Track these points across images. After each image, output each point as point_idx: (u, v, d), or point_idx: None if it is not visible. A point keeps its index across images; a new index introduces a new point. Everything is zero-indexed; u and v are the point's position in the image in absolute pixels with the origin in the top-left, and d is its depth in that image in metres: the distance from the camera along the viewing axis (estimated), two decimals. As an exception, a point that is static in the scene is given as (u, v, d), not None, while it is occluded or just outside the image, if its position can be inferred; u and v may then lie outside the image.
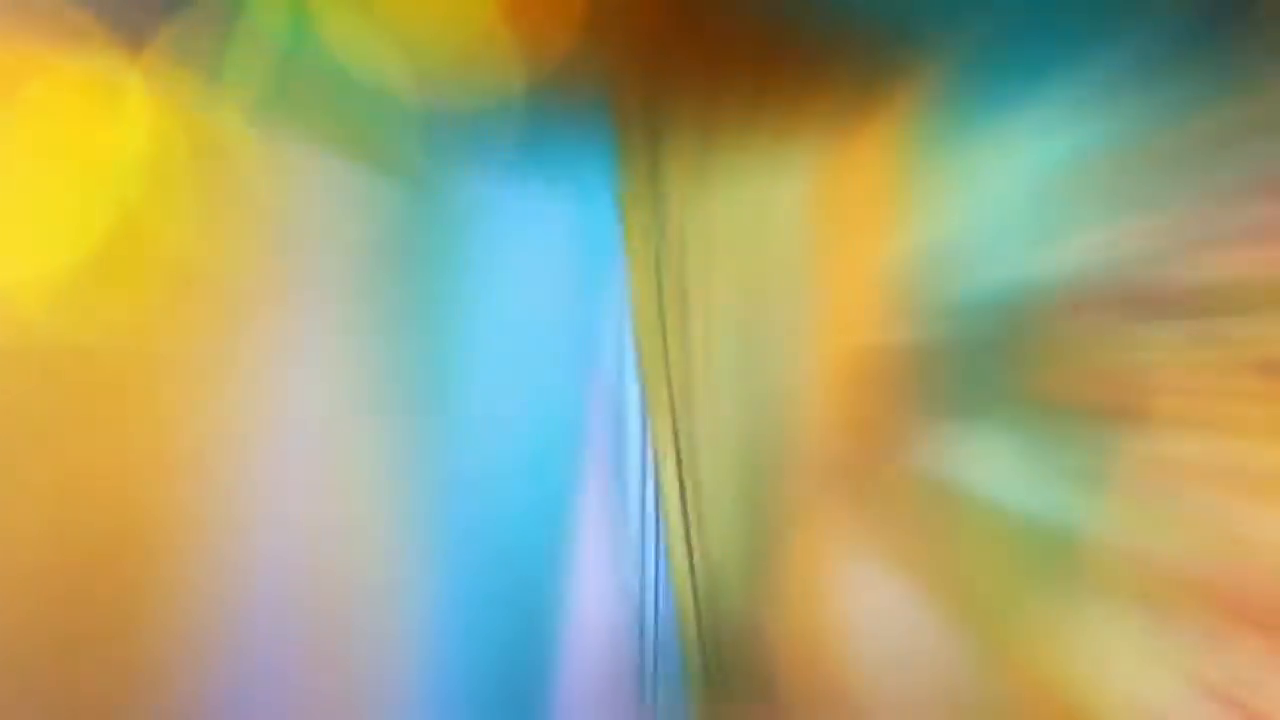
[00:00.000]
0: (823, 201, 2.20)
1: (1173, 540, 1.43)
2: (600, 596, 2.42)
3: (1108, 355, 1.72)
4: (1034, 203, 1.97)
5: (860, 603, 2.15)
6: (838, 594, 2.17)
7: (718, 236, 2.27)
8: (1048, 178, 1.96)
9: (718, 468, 2.25)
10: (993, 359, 1.98)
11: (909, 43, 1.89)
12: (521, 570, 2.45)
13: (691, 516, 2.26)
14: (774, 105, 2.19)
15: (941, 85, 2.04)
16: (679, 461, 2.28)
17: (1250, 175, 1.33)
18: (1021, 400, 1.95)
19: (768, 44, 1.89)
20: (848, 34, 1.86)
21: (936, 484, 2.05)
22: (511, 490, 2.47)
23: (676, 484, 2.28)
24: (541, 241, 2.52)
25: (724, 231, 2.27)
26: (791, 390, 2.19)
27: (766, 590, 2.20)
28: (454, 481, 2.51)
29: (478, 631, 2.43)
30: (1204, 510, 1.39)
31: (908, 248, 2.11)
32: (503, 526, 2.46)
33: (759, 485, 2.21)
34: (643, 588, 2.39)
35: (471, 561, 2.47)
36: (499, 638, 2.43)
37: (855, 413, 2.14)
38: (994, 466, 2.00)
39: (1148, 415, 1.12)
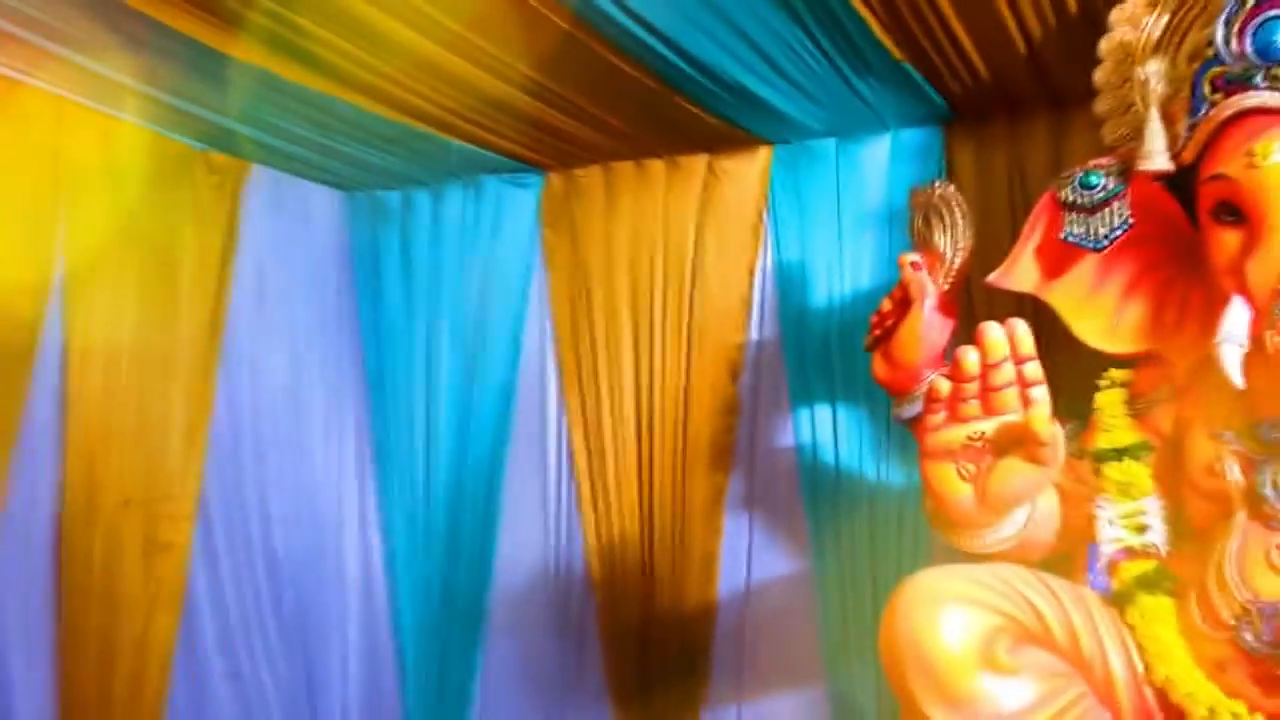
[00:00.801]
0: (702, 224, 2.62)
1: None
2: (524, 541, 2.82)
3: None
4: (860, 234, 2.44)
5: (744, 566, 2.57)
6: (720, 558, 2.58)
7: (615, 250, 2.68)
8: (865, 215, 2.42)
9: (618, 442, 2.67)
10: (835, 353, 2.43)
11: (761, 113, 2.32)
12: (459, 517, 2.86)
13: (596, 479, 2.70)
14: (663, 148, 2.61)
15: (789, 142, 2.49)
16: (586, 432, 2.72)
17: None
18: (860, 387, 2.37)
19: (658, 105, 2.29)
20: (718, 102, 2.27)
21: (803, 459, 2.49)
22: (454, 449, 2.87)
23: (585, 450, 2.72)
24: (480, 248, 2.90)
25: (622, 246, 2.68)
26: (676, 379, 2.62)
27: (659, 550, 2.62)
28: (407, 442, 2.93)
29: (420, 567, 2.87)
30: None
31: (769, 264, 2.56)
32: (445, 480, 2.87)
33: (652, 457, 2.64)
34: (559, 534, 2.79)
35: (416, 508, 2.89)
36: (440, 572, 2.85)
37: (728, 397, 2.58)
38: (846, 443, 2.45)
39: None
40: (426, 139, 2.54)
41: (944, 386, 1.36)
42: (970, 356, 1.32)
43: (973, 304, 2.13)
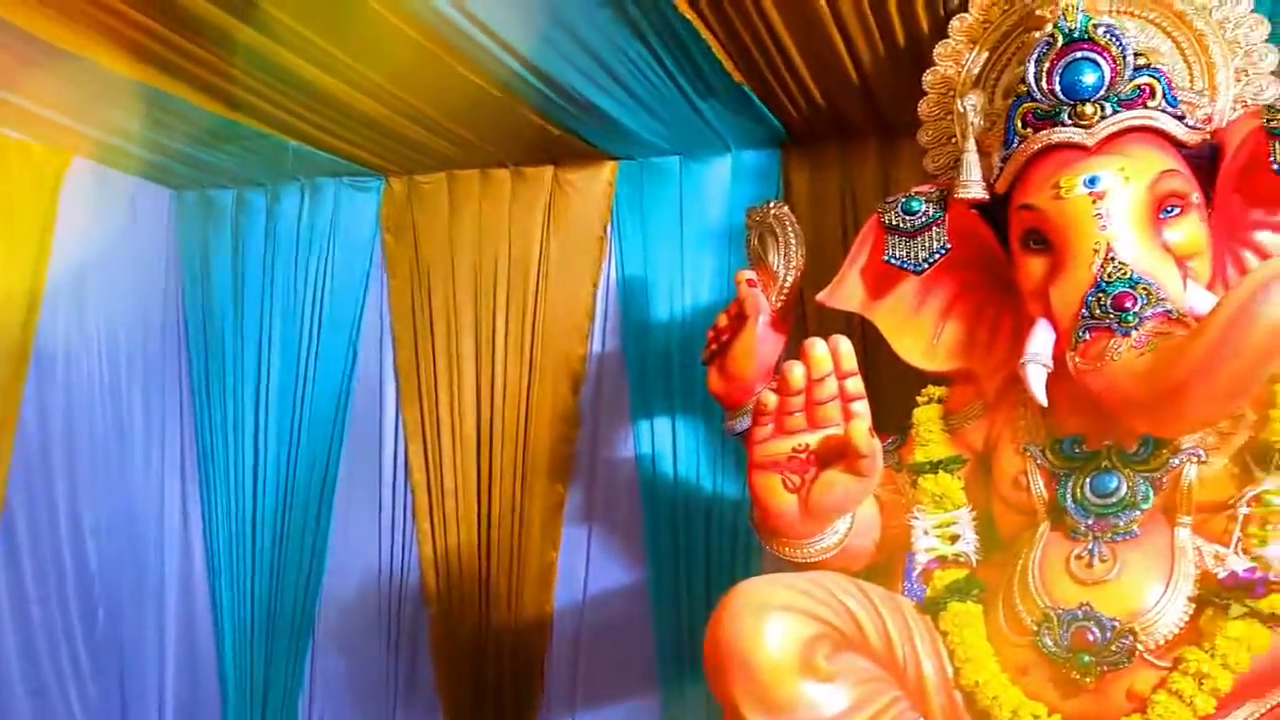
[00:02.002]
0: (546, 236, 2.62)
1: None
2: (356, 552, 2.75)
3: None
4: (702, 250, 2.48)
5: (582, 578, 2.56)
6: (557, 569, 2.58)
7: (457, 260, 2.66)
8: (706, 232, 2.48)
9: (456, 452, 2.64)
10: (676, 367, 2.47)
11: (607, 128, 2.34)
12: (287, 528, 2.77)
13: (433, 489, 2.66)
14: (509, 158, 2.60)
15: (634, 158, 2.53)
16: (424, 442, 2.67)
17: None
18: (699, 400, 2.41)
19: (505, 116, 2.28)
20: (564, 115, 2.28)
21: (643, 471, 2.51)
22: (284, 459, 2.78)
23: (422, 460, 2.67)
24: (316, 252, 2.82)
25: (465, 254, 2.66)
26: (517, 390, 2.61)
27: (495, 562, 2.59)
28: (234, 451, 2.82)
29: (245, 579, 2.77)
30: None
31: (612, 277, 2.58)
32: (273, 491, 2.78)
33: (491, 467, 2.62)
34: (393, 545, 2.73)
35: (242, 519, 2.79)
36: (265, 584, 2.75)
37: (569, 408, 2.58)
38: (685, 455, 2.48)
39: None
40: (263, 138, 2.46)
41: (771, 400, 1.40)
42: (796, 371, 1.36)
43: (806, 321, 2.19)
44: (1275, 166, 1.43)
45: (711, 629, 1.35)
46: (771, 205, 1.96)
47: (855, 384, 1.39)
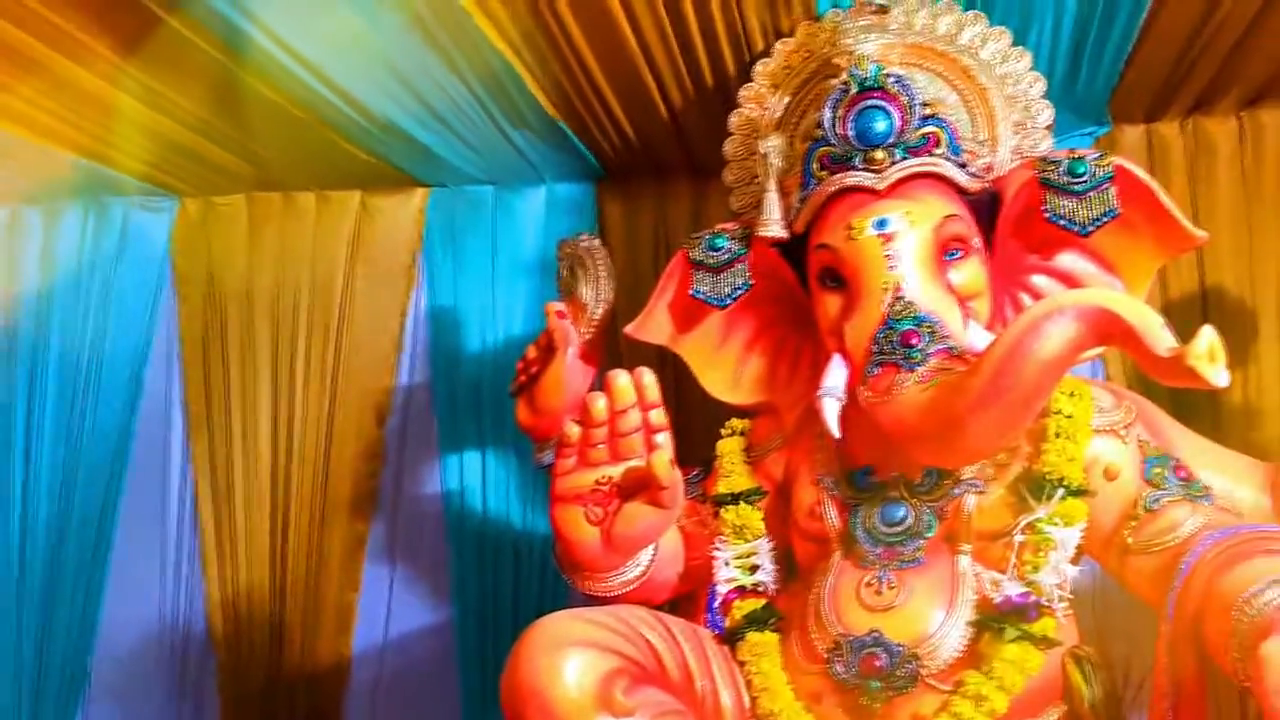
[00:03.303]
0: (352, 263, 2.54)
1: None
2: (137, 597, 2.55)
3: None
4: (515, 281, 2.47)
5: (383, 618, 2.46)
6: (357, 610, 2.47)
7: (256, 285, 2.54)
8: (520, 264, 2.46)
9: (250, 489, 2.50)
10: (486, 399, 2.43)
11: (417, 155, 2.31)
12: (59, 571, 2.55)
13: (224, 528, 2.51)
14: (313, 181, 2.51)
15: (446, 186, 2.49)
16: (214, 479, 2.53)
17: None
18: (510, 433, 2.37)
19: (309, 138, 2.20)
20: (372, 140, 2.22)
21: (450, 506, 2.44)
22: (57, 497, 2.57)
23: (211, 498, 2.52)
24: (100, 275, 2.64)
25: (264, 280, 2.54)
26: (317, 422, 2.50)
27: (290, 604, 2.46)
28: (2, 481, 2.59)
29: (11, 629, 2.53)
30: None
31: (421, 307, 2.52)
32: (44, 531, 2.56)
33: (288, 505, 2.50)
34: (177, 588, 2.56)
35: (9, 563, 2.55)
36: (33, 634, 2.52)
37: (373, 441, 2.50)
38: (494, 489, 2.44)
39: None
40: (41, 152, 2.29)
41: (574, 432, 1.39)
42: (598, 402, 1.36)
43: (620, 354, 2.20)
44: (1048, 214, 1.53)
45: (508, 668, 1.32)
46: (582, 238, 1.96)
47: (658, 416, 1.40)
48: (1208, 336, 1.15)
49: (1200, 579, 1.25)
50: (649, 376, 1.39)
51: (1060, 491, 1.47)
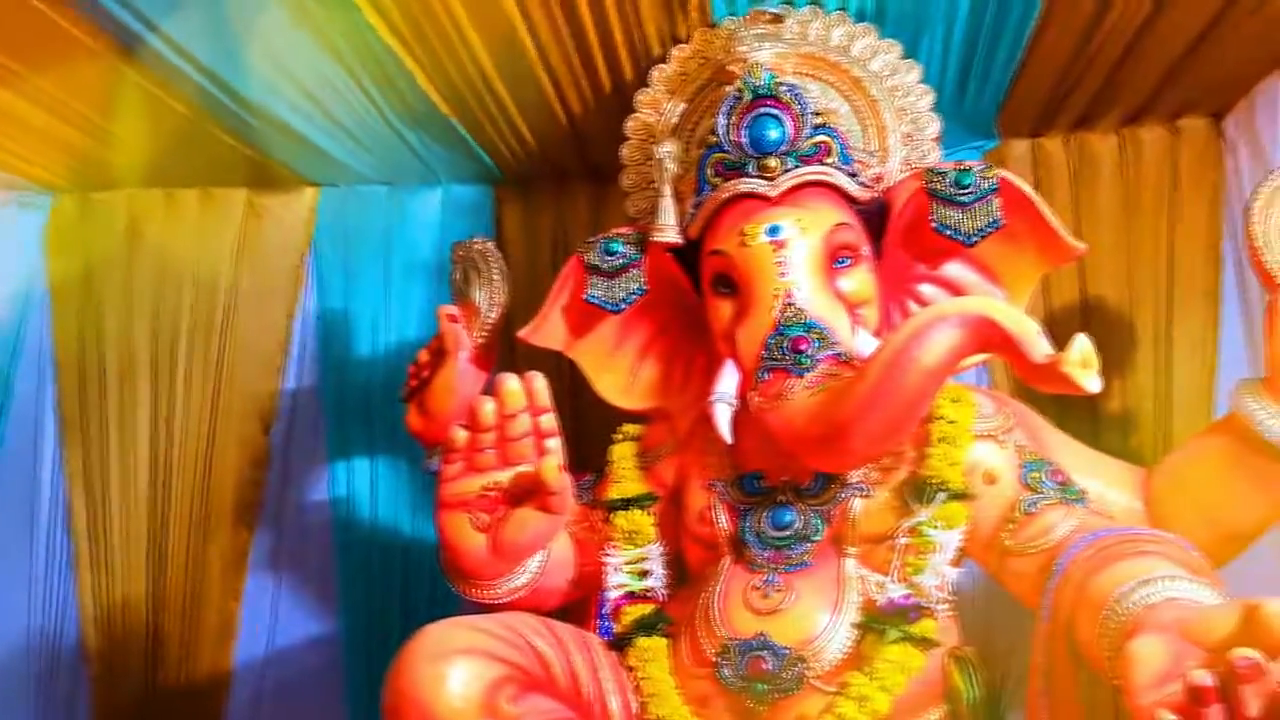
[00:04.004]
0: (238, 263, 2.46)
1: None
2: (3, 609, 2.43)
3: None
4: (409, 284, 2.42)
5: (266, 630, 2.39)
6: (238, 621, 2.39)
7: (136, 286, 2.44)
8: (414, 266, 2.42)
9: (126, 497, 2.40)
10: (377, 404, 2.38)
11: (306, 153, 2.25)
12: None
13: (98, 538, 2.40)
14: (197, 179, 2.43)
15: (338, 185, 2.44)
16: (88, 486, 2.42)
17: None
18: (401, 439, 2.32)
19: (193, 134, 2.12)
20: (259, 136, 2.16)
21: (338, 514, 2.38)
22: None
23: (85, 506, 2.41)
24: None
25: (143, 280, 2.45)
26: (199, 428, 2.41)
27: (168, 615, 2.37)
28: None
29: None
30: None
31: (310, 309, 2.45)
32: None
33: (166, 513, 2.40)
34: (46, 599, 2.43)
35: None
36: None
37: (257, 447, 2.42)
38: (384, 496, 2.38)
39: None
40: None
41: (461, 436, 1.37)
42: (486, 407, 1.34)
43: (516, 359, 2.17)
44: (934, 225, 1.56)
45: (391, 677, 1.30)
46: (476, 241, 1.94)
47: (548, 420, 1.38)
48: (1081, 344, 1.18)
49: (1073, 580, 1.29)
50: (540, 381, 1.38)
51: (941, 495, 1.50)
